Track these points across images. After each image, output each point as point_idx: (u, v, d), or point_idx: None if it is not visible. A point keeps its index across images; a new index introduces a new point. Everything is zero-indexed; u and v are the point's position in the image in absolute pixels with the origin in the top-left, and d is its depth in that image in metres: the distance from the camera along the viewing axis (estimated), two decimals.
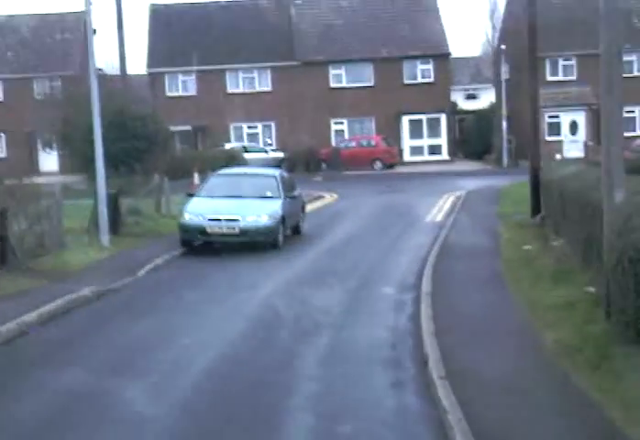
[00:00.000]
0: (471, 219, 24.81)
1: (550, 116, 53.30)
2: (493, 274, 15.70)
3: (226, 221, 20.81)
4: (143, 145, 37.98)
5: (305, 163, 49.67)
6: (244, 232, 20.66)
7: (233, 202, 21.63)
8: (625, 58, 55.97)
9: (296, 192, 23.81)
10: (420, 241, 21.65)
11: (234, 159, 39.61)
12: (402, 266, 18.19)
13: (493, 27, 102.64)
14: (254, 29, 54.53)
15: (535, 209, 22.68)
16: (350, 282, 16.35)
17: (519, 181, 36.44)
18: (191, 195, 22.70)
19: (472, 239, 20.66)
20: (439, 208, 29.58)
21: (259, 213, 21.02)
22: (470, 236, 21.38)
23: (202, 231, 20.78)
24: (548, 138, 52.92)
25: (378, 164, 49.99)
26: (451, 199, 32.33)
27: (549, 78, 54.25)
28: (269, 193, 22.11)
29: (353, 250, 20.78)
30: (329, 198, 34.96)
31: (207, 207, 21.39)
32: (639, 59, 54.61)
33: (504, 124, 49.63)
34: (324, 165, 49.81)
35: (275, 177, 22.82)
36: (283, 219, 21.47)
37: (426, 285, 15.03)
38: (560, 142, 52.56)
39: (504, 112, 49.87)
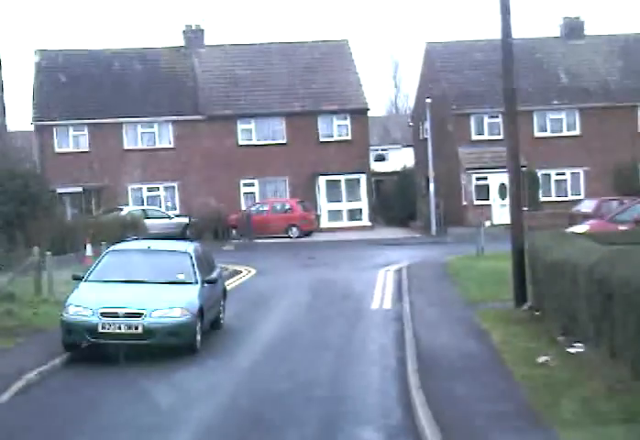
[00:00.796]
0: (434, 307, 19.87)
1: (478, 178, 49.19)
2: (524, 412, 10.70)
3: (124, 316, 15.50)
4: (26, 209, 32.44)
5: (213, 230, 44.36)
6: (150, 332, 15.36)
7: (134, 289, 16.39)
8: (554, 116, 52.41)
9: (216, 273, 18.67)
10: (380, 342, 16.65)
11: (133, 226, 34.05)
12: (373, 386, 13.11)
13: (396, 87, 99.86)
14: (154, 80, 49.56)
15: (520, 295, 17.94)
16: (307, 423, 11.20)
17: (459, 252, 32.17)
18: (78, 279, 17.29)
19: (452, 341, 15.67)
20: (382, 288, 24.69)
21: (171, 305, 15.79)
22: (446, 334, 16.38)
23: (92, 330, 15.42)
24: (477, 202, 48.85)
25: (294, 231, 44.96)
26: (391, 275, 27.47)
27: (474, 137, 50.29)
28: (181, 277, 16.92)
29: (295, 357, 15.58)
30: (245, 273, 29.78)
31: (99, 297, 16.07)
32: (568, 116, 50.86)
33: (432, 186, 45.25)
34: (234, 232, 44.60)
35: (189, 254, 17.52)
36: (202, 312, 16.29)
37: (431, 434, 10.00)
38: (489, 206, 48.38)
39: (432, 173, 45.48)
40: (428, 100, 45.58)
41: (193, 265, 17.11)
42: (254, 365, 15.00)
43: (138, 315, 15.42)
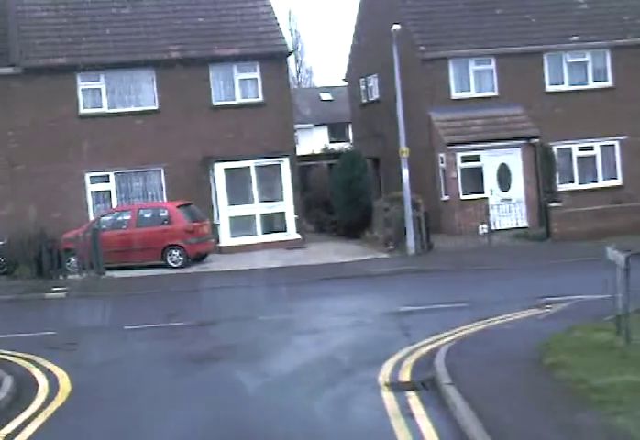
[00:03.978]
0: None
1: (465, 159, 31.36)
2: None
3: None
4: None
5: (36, 258, 25.35)
6: None
7: None
8: (574, 58, 34.70)
9: None
10: None
11: None
12: None
13: (297, 61, 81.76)
14: None
15: None
16: None
17: (512, 300, 14.91)
18: None
19: None
20: None
21: None
22: None
23: None
24: (464, 196, 31.05)
25: (175, 256, 26.59)
26: (425, 425, 9.30)
27: (456, 94, 32.44)
28: None
29: None
30: (37, 407, 11.04)
31: None
32: (595, 59, 33.25)
33: (405, 173, 26.96)
34: (72, 260, 25.93)
35: None
36: None
37: None
38: (484, 201, 30.44)
39: (404, 150, 27.20)
40: (397, 26, 26.98)
41: None
42: None
43: None
